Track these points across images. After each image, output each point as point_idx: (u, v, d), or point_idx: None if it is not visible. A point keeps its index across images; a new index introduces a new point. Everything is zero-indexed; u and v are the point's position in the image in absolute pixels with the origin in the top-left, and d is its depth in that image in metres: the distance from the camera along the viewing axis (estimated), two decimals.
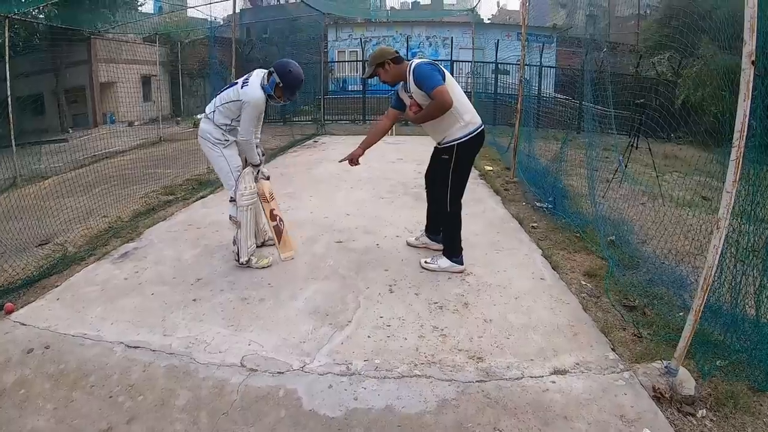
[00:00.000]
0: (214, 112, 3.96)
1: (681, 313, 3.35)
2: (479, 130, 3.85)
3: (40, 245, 4.98)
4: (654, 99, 16.76)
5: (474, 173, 7.93)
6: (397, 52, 3.88)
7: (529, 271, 4.02)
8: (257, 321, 3.22)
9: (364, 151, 4.16)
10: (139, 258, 4.42)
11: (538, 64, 17.65)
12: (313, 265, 4.13)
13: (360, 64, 19.56)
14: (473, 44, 14.83)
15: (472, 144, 3.86)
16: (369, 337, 3.01)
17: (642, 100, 7.86)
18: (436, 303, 3.43)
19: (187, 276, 3.96)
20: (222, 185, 4.30)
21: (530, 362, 2.77)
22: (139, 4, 21.09)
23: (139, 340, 3.04)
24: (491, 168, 8.57)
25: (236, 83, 3.97)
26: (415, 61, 3.80)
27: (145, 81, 18.31)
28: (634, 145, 7.94)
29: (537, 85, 17.65)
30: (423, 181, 4.52)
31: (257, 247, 4.38)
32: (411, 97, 3.83)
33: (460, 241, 4.07)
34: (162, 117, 16.26)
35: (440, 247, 4.26)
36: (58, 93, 18.09)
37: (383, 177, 7.74)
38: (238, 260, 4.09)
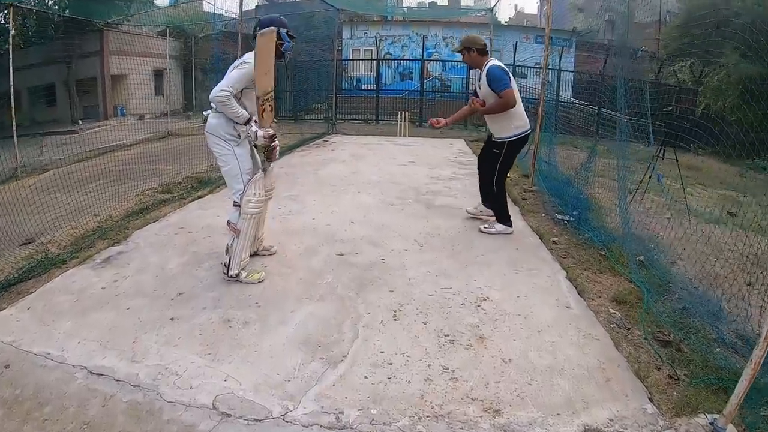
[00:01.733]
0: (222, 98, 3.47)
1: (718, 349, 2.96)
2: (527, 132, 4.81)
3: (23, 244, 4.64)
4: (675, 107, 16.26)
5: None
6: (485, 46, 4.73)
7: (553, 297, 3.55)
8: (238, 350, 2.78)
9: (452, 123, 5.16)
10: (121, 264, 4.03)
11: (557, 67, 17.11)
12: (308, 282, 3.68)
13: (374, 63, 19.12)
14: (491, 45, 14.32)
15: (519, 142, 4.82)
16: (366, 377, 2.55)
17: (669, 109, 7.35)
18: (447, 336, 2.96)
19: (169, 289, 3.55)
20: (222, 186, 3.88)
21: (556, 417, 2.31)
22: None
23: (104, 366, 2.64)
24: (509, 175, 8.06)
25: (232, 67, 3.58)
26: (492, 62, 4.62)
27: (157, 74, 18.11)
28: (660, 155, 7.45)
29: (555, 89, 17.11)
30: (435, 187, 6.48)
31: (249, 257, 3.92)
32: (479, 87, 4.74)
33: (507, 209, 5.03)
34: (173, 111, 16.08)
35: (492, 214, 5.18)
36: (69, 84, 17.95)
37: (393, 181, 7.30)
38: (227, 273, 3.64)
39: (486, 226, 4.99)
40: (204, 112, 3.70)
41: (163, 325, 3.06)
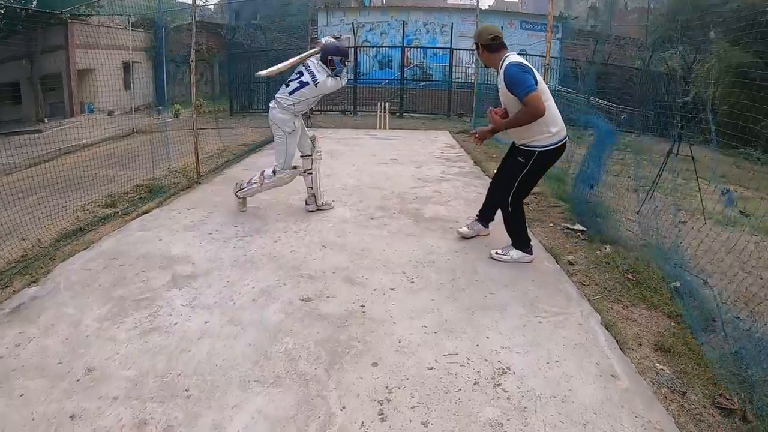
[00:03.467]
0: (293, 104, 4.80)
1: None
2: (563, 141, 3.71)
3: None
4: (665, 96, 15.61)
5: (487, 181, 6.64)
6: (496, 38, 3.64)
7: (592, 360, 2.65)
8: None
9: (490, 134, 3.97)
10: (31, 317, 3.05)
11: (544, 54, 16.26)
12: (260, 350, 2.68)
13: (352, 51, 18.05)
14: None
15: (553, 154, 3.72)
16: None
17: (687, 98, 6.47)
18: None
19: (77, 362, 2.57)
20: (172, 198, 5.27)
21: None
22: None
23: None
24: None
25: (306, 83, 4.80)
26: (509, 59, 3.59)
27: (127, 68, 17.09)
28: (675, 151, 6.62)
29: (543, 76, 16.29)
30: (423, 192, 5.99)
31: (314, 209, 5.28)
32: (499, 92, 3.70)
33: (527, 231, 4.02)
34: (144, 106, 15.21)
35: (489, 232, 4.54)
36: (33, 80, 17.21)
37: (373, 185, 6.37)
38: (235, 189, 5.17)
39: (499, 252, 4.00)
40: (270, 103, 4.96)
41: (59, 426, 2.11)
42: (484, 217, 4.49)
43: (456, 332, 2.87)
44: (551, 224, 5.02)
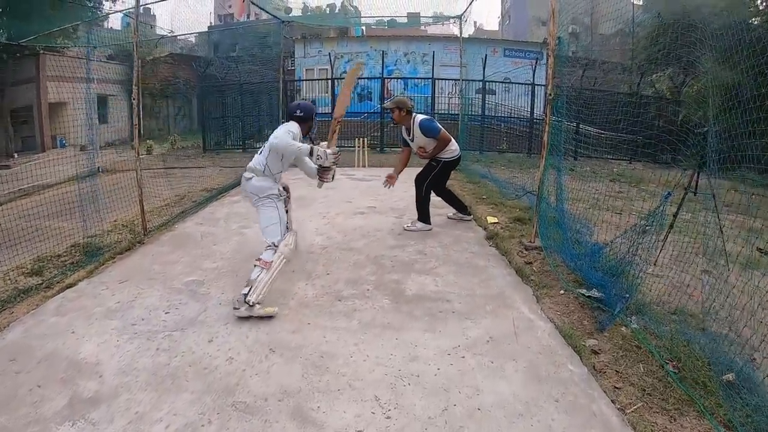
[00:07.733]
0: (267, 166, 4.06)
1: None
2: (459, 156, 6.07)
3: None
4: (658, 118, 15.03)
5: (480, 233, 5.76)
6: (413, 107, 5.89)
7: None
8: None
9: (397, 176, 6.07)
10: None
11: (531, 82, 15.65)
12: None
13: (330, 83, 17.20)
14: (461, 59, 12.59)
15: (453, 162, 6.04)
16: None
17: (705, 129, 5.59)
18: None
19: None
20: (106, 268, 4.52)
21: None
22: (101, 20, 19.05)
23: None
24: (496, 219, 6.30)
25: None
26: (418, 117, 5.79)
27: (101, 101, 16.33)
28: (693, 189, 5.68)
29: (530, 106, 15.68)
30: (404, 254, 5.16)
31: (244, 314, 3.67)
32: (413, 140, 5.86)
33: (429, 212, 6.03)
34: (118, 141, 14.51)
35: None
36: (3, 113, 16.76)
37: (345, 245, 5.39)
38: (245, 299, 3.58)
39: (408, 225, 6.09)
40: (245, 175, 4.10)
41: None
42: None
43: None
44: (562, 291, 4.12)
